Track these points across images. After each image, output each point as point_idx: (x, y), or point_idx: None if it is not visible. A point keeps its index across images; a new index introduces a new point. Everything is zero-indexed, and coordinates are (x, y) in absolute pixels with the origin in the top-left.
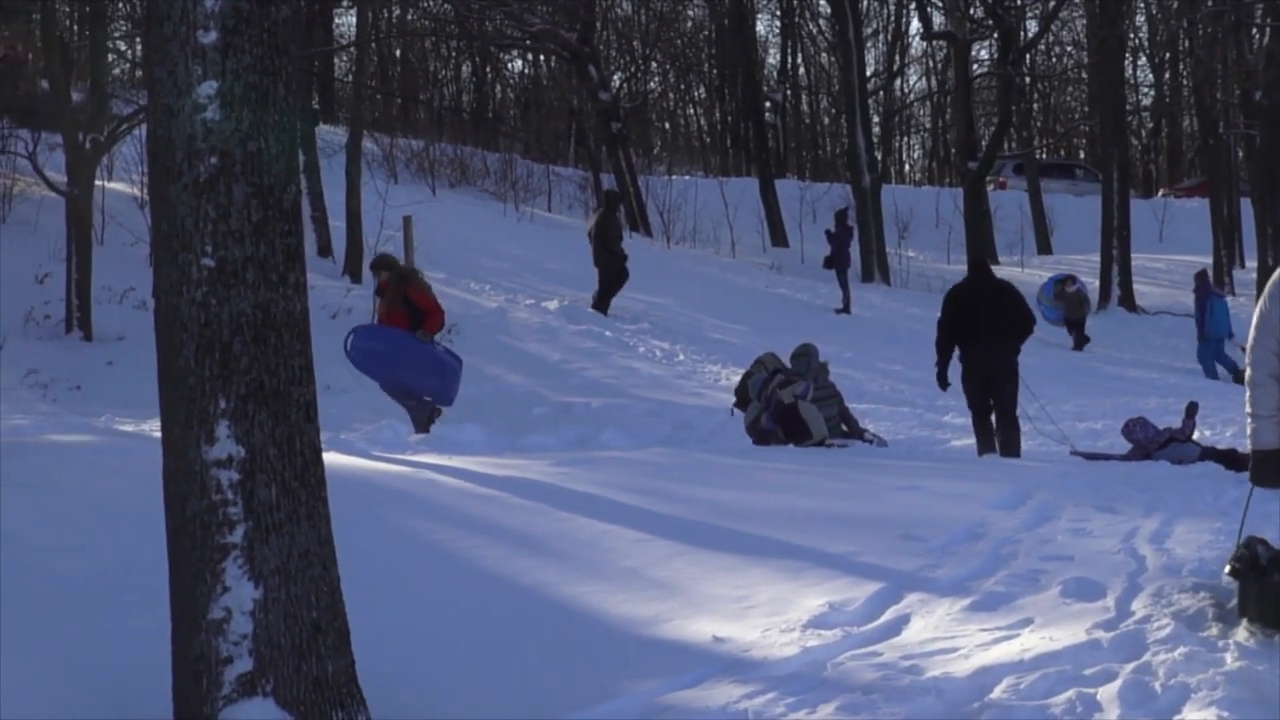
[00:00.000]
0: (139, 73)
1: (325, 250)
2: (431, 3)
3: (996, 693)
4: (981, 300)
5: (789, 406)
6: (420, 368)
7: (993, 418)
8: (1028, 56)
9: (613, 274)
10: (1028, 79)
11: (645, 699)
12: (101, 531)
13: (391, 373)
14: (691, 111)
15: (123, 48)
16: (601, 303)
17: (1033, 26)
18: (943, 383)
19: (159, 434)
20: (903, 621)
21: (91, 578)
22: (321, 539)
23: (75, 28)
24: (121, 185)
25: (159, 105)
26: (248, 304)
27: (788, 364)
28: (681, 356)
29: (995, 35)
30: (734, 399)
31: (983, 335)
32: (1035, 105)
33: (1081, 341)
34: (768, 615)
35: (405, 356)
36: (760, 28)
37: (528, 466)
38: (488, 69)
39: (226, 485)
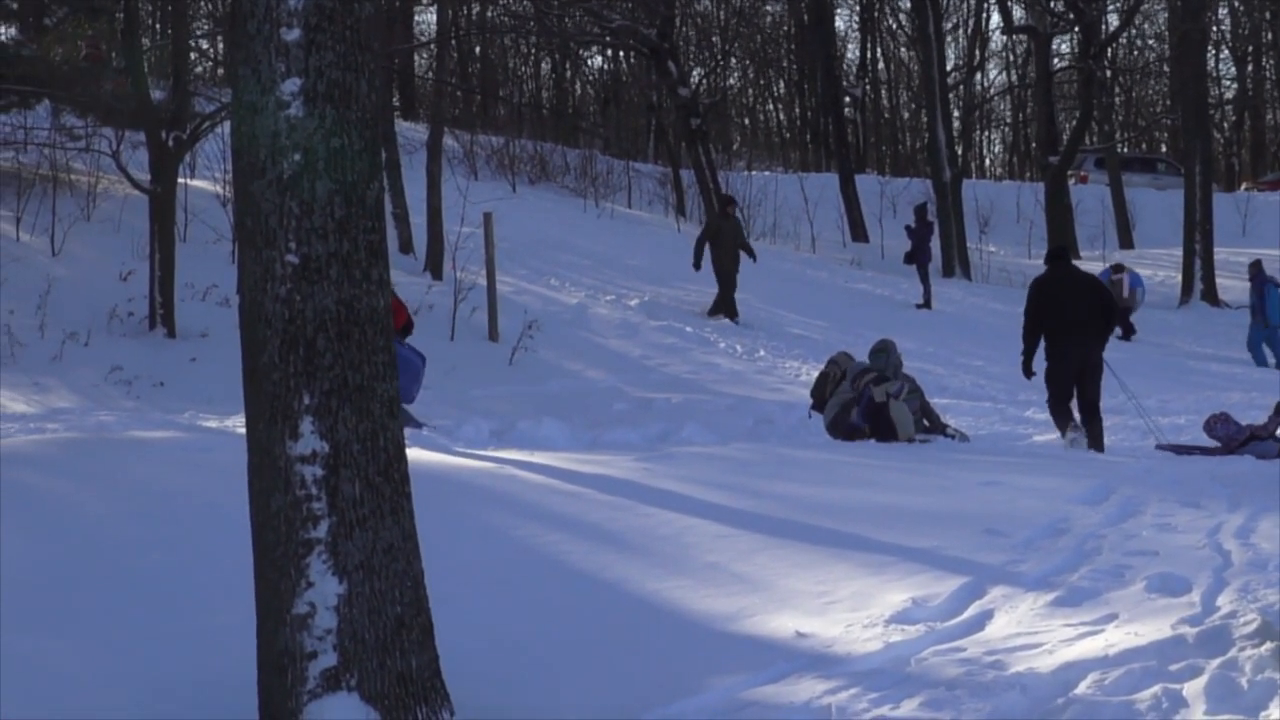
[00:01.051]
0: (220, 71)
1: (406, 247)
2: (512, 0)
3: (1081, 688)
4: (1068, 292)
5: (879, 405)
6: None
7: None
8: (1109, 50)
9: (729, 276)
10: (1109, 73)
11: (728, 694)
12: (186, 527)
13: None
14: (771, 107)
15: (204, 46)
16: (726, 308)
17: (1114, 20)
18: (1028, 372)
19: (243, 430)
20: (986, 617)
21: (176, 573)
22: (405, 534)
23: (157, 26)
24: (204, 183)
25: (243, 102)
26: (331, 300)
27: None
28: (762, 352)
29: (1076, 29)
30: (811, 400)
31: (1073, 328)
32: (1117, 99)
33: (1127, 331)
34: (850, 610)
35: None
36: (840, 23)
37: (609, 462)
38: (567, 65)
39: (310, 481)
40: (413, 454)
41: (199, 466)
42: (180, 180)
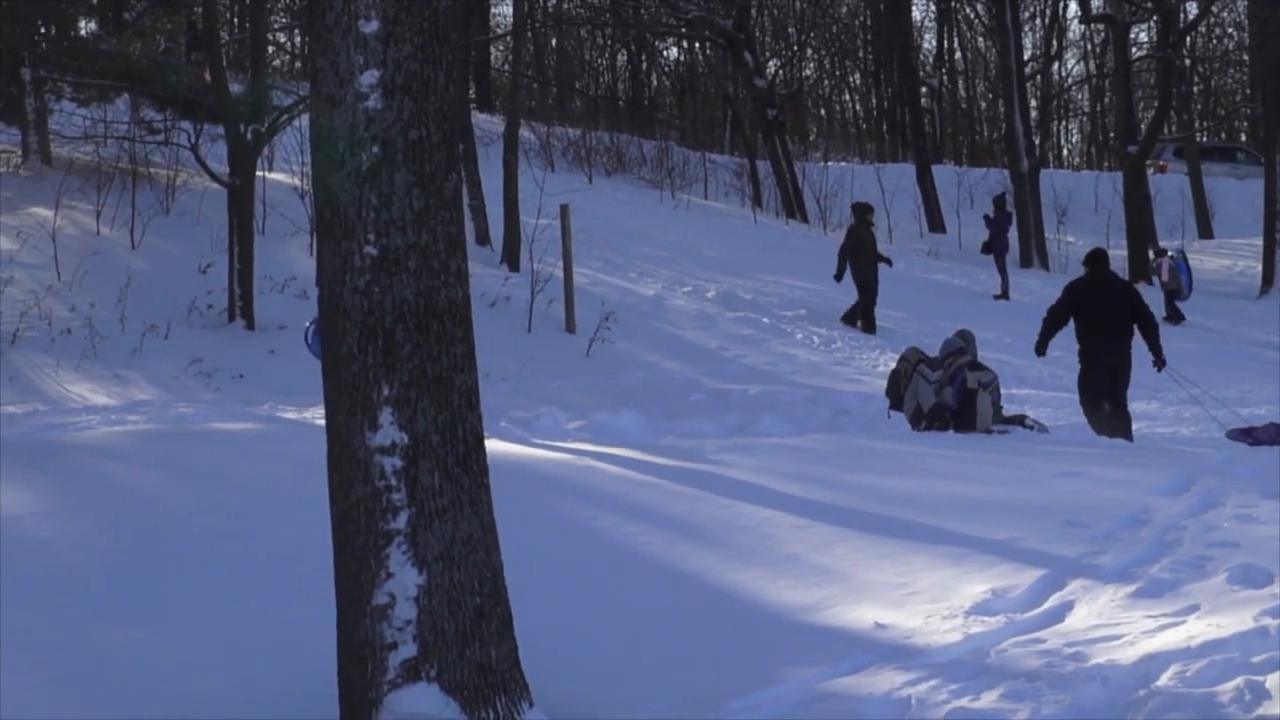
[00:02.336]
0: (298, 64)
1: (483, 239)
2: None
3: (1162, 680)
4: (1102, 297)
5: (970, 390)
6: None
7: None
8: (1188, 38)
9: (871, 286)
10: (1188, 61)
11: (807, 685)
12: (266, 518)
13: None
14: (847, 97)
15: (282, 39)
16: (865, 320)
17: (1193, 8)
18: (1040, 352)
19: (322, 421)
20: (1066, 608)
21: (257, 564)
22: (484, 525)
23: (235, 20)
24: (282, 175)
25: (321, 95)
26: (410, 292)
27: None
28: (839, 343)
29: (1154, 17)
30: (888, 400)
31: (1106, 333)
32: (1196, 88)
33: (1174, 315)
34: (929, 602)
35: None
36: (916, 12)
37: (687, 453)
38: (643, 57)
39: (390, 472)
40: (490, 445)
41: (279, 458)
42: (258, 173)
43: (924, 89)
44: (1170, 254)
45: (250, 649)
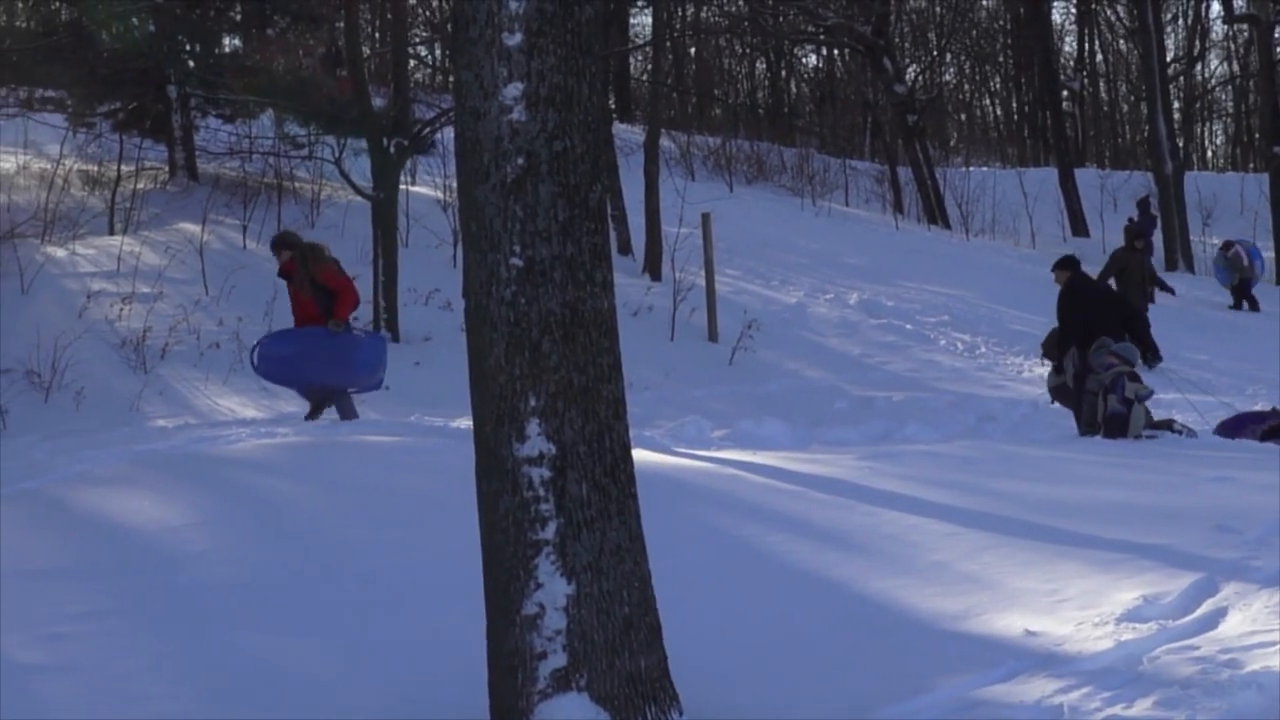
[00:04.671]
0: (439, 77)
1: (625, 248)
2: (726, 0)
3: None
4: (1095, 304)
5: (1127, 401)
6: (337, 364)
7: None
8: None
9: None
10: None
11: (958, 693)
12: (413, 529)
13: (304, 375)
14: (987, 102)
15: (423, 53)
16: (1145, 346)
17: None
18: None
19: (468, 432)
20: (1220, 614)
21: (405, 574)
22: (632, 534)
23: (376, 34)
24: (425, 188)
25: (465, 108)
26: (556, 303)
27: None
28: (983, 349)
29: None
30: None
31: (1108, 332)
32: None
33: (1245, 301)
34: (1080, 609)
35: (318, 356)
36: (1056, 15)
37: (832, 461)
38: (782, 64)
39: (538, 482)
40: (636, 455)
41: (425, 469)
42: (401, 186)
43: (1065, 92)
44: (1239, 244)
45: (398, 659)
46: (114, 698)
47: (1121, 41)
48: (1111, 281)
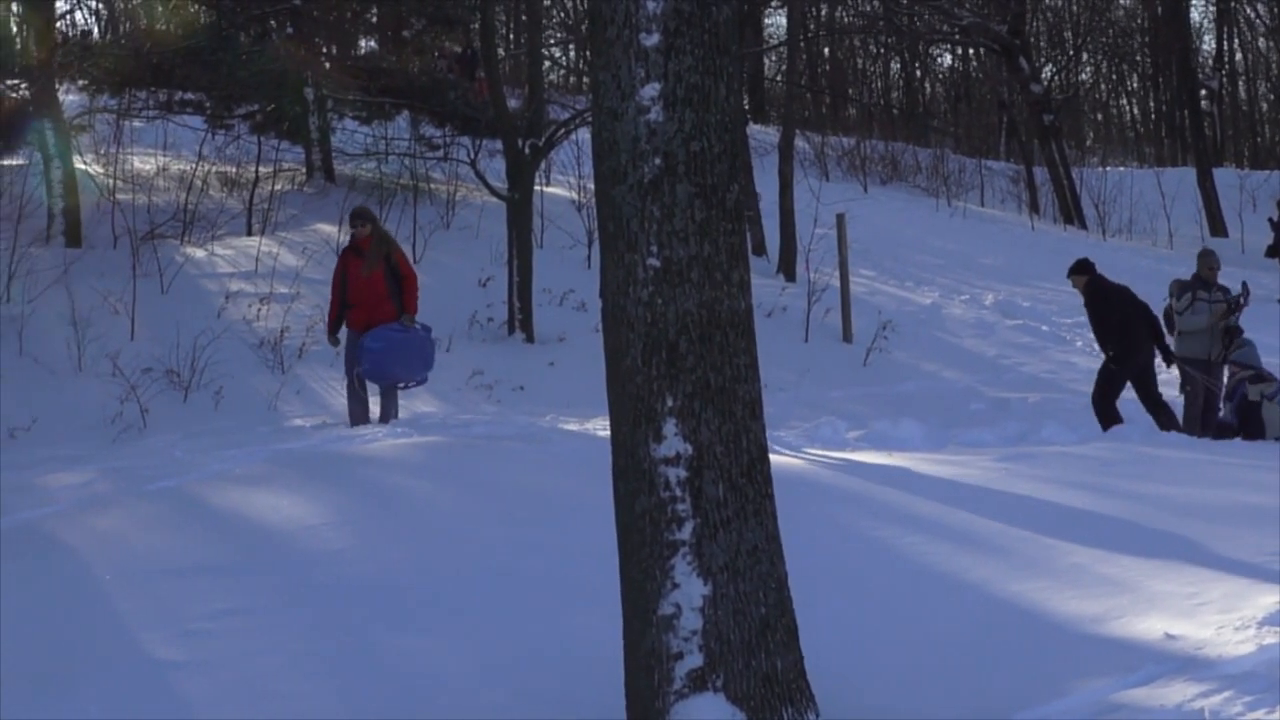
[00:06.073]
0: (574, 78)
1: (759, 249)
2: (861, 0)
3: None
4: (1126, 301)
5: (1253, 404)
6: (416, 360)
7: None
8: None
9: None
10: None
11: (1096, 697)
12: (549, 528)
13: (390, 372)
14: (1124, 101)
15: (558, 54)
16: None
17: None
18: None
19: (603, 432)
20: None
21: (541, 574)
22: (768, 535)
23: (512, 36)
24: (559, 189)
25: (602, 108)
26: (693, 303)
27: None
28: None
29: None
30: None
31: (1139, 331)
32: None
33: None
34: (1221, 612)
35: (405, 351)
36: (1195, 14)
37: (968, 462)
38: (917, 65)
39: (675, 482)
40: (772, 456)
41: (561, 469)
42: (536, 187)
43: (1203, 91)
44: None
45: (537, 657)
46: (251, 694)
47: (1261, 40)
48: None
